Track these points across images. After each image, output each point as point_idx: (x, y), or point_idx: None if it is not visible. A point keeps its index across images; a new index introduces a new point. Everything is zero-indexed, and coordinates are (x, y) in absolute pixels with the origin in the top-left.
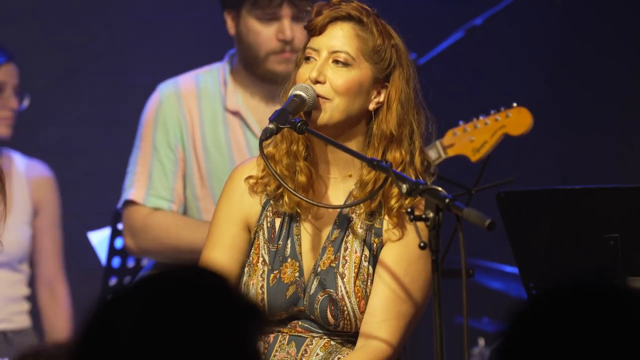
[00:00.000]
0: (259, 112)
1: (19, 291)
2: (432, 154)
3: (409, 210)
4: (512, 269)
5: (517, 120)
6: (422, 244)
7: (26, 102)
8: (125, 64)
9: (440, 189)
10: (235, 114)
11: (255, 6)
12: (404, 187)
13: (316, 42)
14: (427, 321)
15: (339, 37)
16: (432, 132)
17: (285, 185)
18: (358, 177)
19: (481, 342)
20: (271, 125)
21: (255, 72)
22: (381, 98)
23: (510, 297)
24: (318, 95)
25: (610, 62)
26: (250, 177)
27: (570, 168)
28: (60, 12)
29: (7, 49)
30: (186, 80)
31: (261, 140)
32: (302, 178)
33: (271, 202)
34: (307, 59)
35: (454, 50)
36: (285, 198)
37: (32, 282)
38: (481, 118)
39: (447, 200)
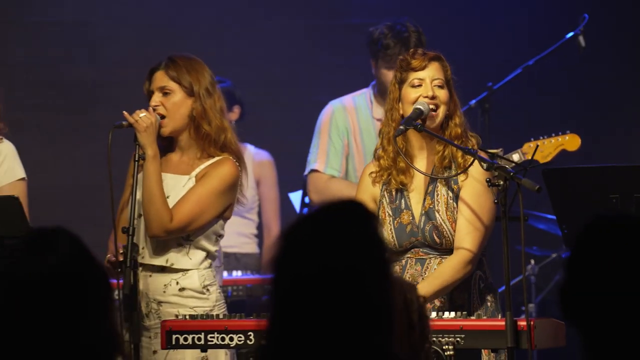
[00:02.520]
0: None
1: (247, 230)
2: (515, 157)
3: (488, 179)
4: (552, 217)
5: (571, 141)
6: (495, 200)
7: (235, 115)
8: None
9: (507, 166)
10: (379, 120)
11: (383, 60)
12: (484, 165)
13: (421, 74)
14: (498, 249)
15: (436, 71)
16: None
17: (409, 163)
18: (434, 152)
19: (532, 261)
20: (402, 127)
21: (384, 98)
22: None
23: (551, 234)
24: (431, 107)
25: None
26: (372, 172)
27: (591, 154)
28: (271, 46)
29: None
30: (347, 99)
31: (395, 137)
32: (401, 164)
33: (384, 186)
34: (415, 86)
35: (515, 80)
36: (392, 180)
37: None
38: (547, 137)
39: (511, 174)
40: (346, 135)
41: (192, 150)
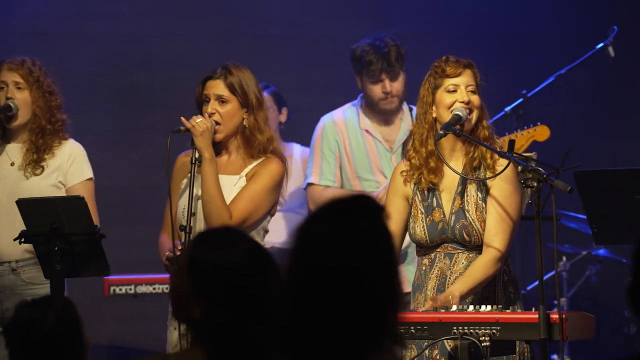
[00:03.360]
0: (378, 130)
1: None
2: None
3: (522, 181)
4: (582, 216)
5: (541, 132)
6: (529, 201)
7: (284, 117)
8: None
9: (540, 169)
10: (367, 131)
11: (367, 76)
12: (519, 167)
13: (456, 80)
14: (532, 246)
15: (469, 77)
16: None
17: (445, 162)
18: (464, 153)
19: (564, 258)
20: (441, 132)
21: (373, 109)
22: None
23: (581, 233)
24: (465, 111)
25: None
26: (403, 171)
27: (618, 157)
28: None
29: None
30: (338, 114)
31: (435, 140)
32: (432, 164)
33: (416, 185)
34: (450, 91)
35: (547, 88)
36: (422, 179)
37: None
38: (520, 131)
39: (544, 175)
40: (337, 148)
41: (240, 152)
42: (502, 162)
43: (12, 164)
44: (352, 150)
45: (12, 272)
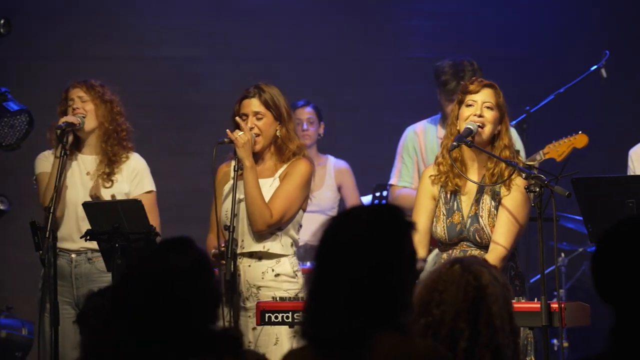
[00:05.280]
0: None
1: None
2: (537, 157)
3: (526, 187)
4: (579, 217)
5: (580, 140)
6: (532, 204)
7: (322, 130)
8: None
9: (542, 176)
10: (442, 139)
11: (442, 93)
12: (524, 175)
13: (474, 97)
14: (535, 244)
15: (487, 95)
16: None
17: (462, 174)
18: (485, 166)
19: (562, 255)
20: (455, 143)
21: (445, 123)
22: (498, 128)
23: (578, 232)
24: (478, 125)
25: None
26: (431, 175)
27: (610, 165)
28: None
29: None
30: (420, 124)
31: (449, 151)
32: (455, 171)
33: (442, 188)
34: (469, 105)
35: (548, 105)
36: (449, 182)
37: None
38: (562, 139)
39: (545, 182)
40: (415, 155)
41: (272, 159)
42: (517, 181)
43: (88, 174)
44: (427, 155)
45: (87, 261)
